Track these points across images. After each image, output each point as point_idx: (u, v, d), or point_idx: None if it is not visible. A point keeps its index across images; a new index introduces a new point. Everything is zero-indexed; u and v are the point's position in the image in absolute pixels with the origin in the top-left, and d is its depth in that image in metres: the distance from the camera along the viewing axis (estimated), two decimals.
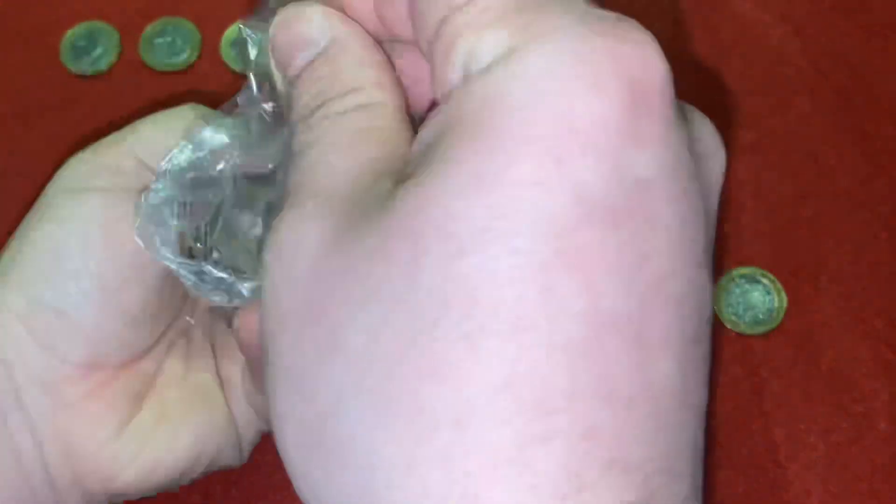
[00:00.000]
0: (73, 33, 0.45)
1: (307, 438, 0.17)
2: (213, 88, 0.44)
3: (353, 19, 0.20)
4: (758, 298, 0.40)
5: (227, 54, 0.44)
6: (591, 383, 0.15)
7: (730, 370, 0.39)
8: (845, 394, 0.38)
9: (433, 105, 0.18)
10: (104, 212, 0.28)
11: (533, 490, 0.15)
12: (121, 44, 0.44)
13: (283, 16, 0.21)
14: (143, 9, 0.45)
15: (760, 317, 0.39)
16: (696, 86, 0.44)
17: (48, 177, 0.42)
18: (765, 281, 0.40)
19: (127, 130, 0.30)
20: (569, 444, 0.15)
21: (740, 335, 0.39)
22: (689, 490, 0.18)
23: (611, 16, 0.16)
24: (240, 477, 0.37)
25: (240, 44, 0.26)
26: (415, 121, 0.20)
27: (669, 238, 0.16)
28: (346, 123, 0.19)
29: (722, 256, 0.41)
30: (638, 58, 0.16)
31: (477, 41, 0.16)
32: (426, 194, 0.16)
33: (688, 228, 0.16)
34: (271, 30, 0.22)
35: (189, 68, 0.44)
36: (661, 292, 0.16)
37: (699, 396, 0.18)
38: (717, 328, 0.39)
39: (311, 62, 0.20)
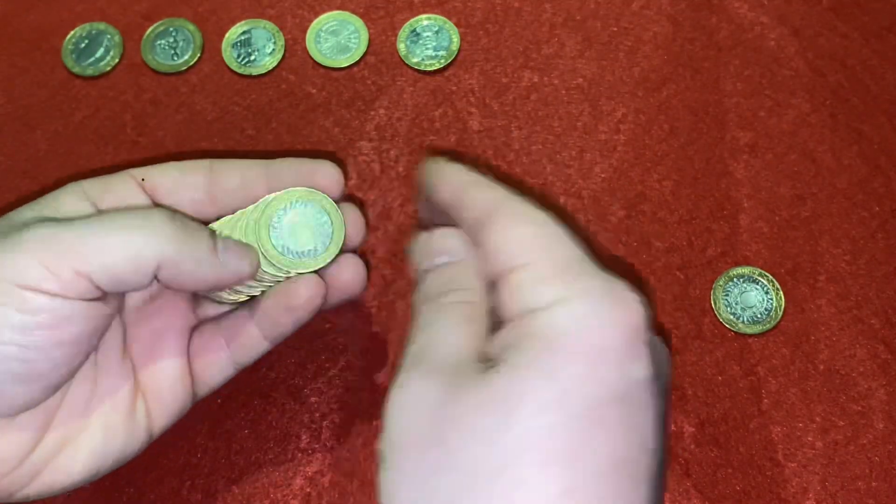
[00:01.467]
0: (75, 35, 0.45)
1: None
2: (215, 90, 0.44)
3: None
4: (755, 298, 0.40)
5: (229, 56, 0.44)
6: (608, 497, 0.25)
7: (728, 369, 0.39)
8: (843, 393, 0.38)
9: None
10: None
11: None
12: (123, 45, 0.45)
13: (436, 233, 0.31)
14: (144, 10, 0.46)
15: (758, 316, 0.39)
16: (694, 87, 0.44)
17: (50, 177, 0.42)
18: (762, 281, 0.40)
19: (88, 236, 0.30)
20: None
21: (738, 334, 0.39)
22: None
23: (614, 281, 0.27)
24: (241, 474, 0.37)
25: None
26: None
27: (649, 414, 0.26)
28: (460, 311, 0.29)
29: (720, 256, 0.41)
30: (637, 309, 0.26)
31: (539, 290, 0.26)
32: (515, 375, 0.25)
33: (657, 408, 0.26)
34: (425, 239, 0.31)
35: (190, 70, 0.44)
36: (644, 446, 0.26)
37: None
38: (715, 327, 0.40)
39: (448, 263, 0.30)
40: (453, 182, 0.31)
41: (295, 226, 0.33)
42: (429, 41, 0.45)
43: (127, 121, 0.43)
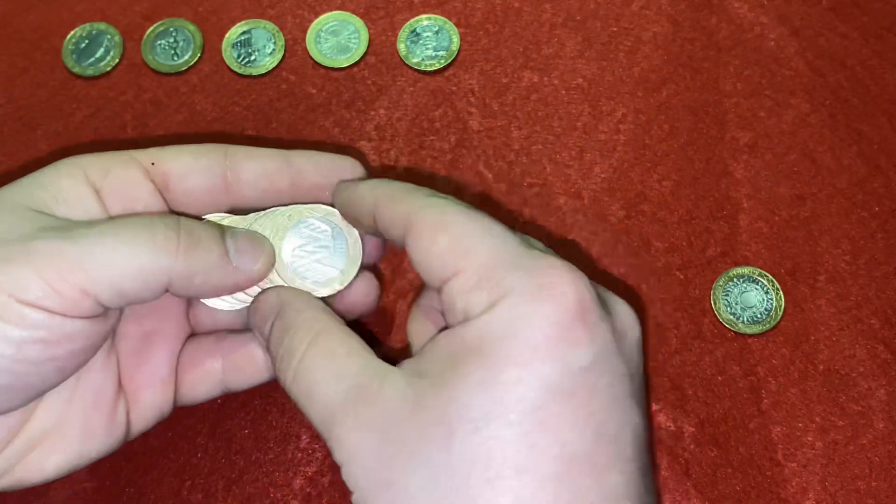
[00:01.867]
0: (75, 35, 0.45)
1: None
2: (215, 90, 0.44)
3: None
4: (755, 298, 0.40)
5: (229, 56, 0.44)
6: (566, 498, 0.24)
7: (727, 369, 0.39)
8: (842, 393, 0.38)
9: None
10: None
11: None
12: (123, 45, 0.45)
13: (252, 304, 0.32)
14: (145, 10, 0.46)
15: (758, 316, 0.40)
16: (694, 87, 0.44)
17: None
18: (762, 281, 0.40)
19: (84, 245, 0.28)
20: None
21: (738, 334, 0.39)
22: None
23: (548, 262, 0.26)
24: (241, 474, 0.37)
25: None
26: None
27: (606, 398, 0.25)
28: (319, 351, 0.29)
29: (719, 256, 0.41)
30: (568, 291, 0.25)
31: (468, 300, 0.26)
32: (449, 395, 0.25)
33: (616, 387, 0.26)
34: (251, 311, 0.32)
35: (190, 70, 0.44)
36: (602, 433, 0.25)
37: (642, 493, 0.26)
38: (715, 327, 0.40)
39: (278, 317, 0.30)
40: (366, 203, 0.30)
41: (311, 247, 0.33)
42: (429, 41, 0.45)
43: (127, 121, 0.43)
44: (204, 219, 0.33)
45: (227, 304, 0.33)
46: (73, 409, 0.31)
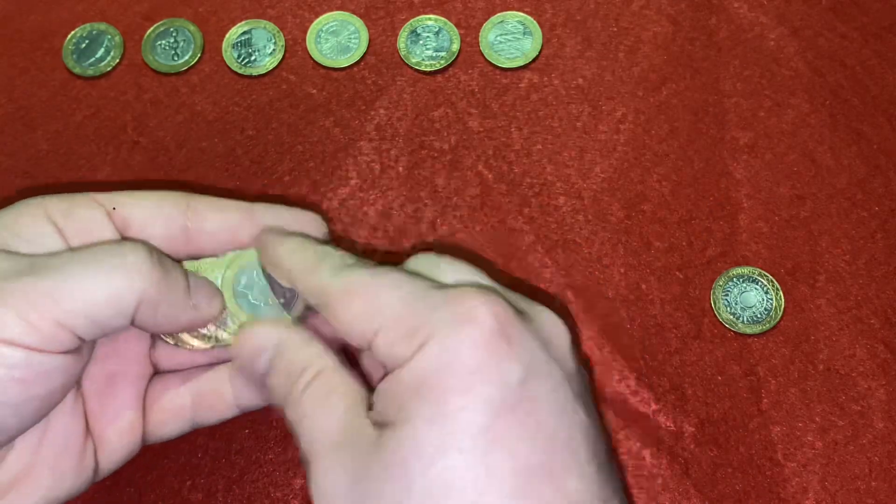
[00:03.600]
0: (75, 35, 0.45)
1: None
2: (215, 90, 0.44)
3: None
4: (755, 298, 0.40)
5: (229, 56, 0.44)
6: None
7: (727, 369, 0.39)
8: (842, 392, 0.39)
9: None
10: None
11: None
12: (123, 45, 0.45)
13: (243, 336, 0.32)
14: (145, 11, 0.46)
15: (758, 316, 0.40)
16: (694, 87, 0.44)
17: (50, 177, 0.42)
18: (762, 281, 0.40)
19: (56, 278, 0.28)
20: None
21: (738, 334, 0.39)
22: None
23: (458, 292, 0.27)
24: (242, 474, 0.37)
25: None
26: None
27: (549, 405, 0.26)
28: (318, 389, 0.29)
29: (719, 256, 0.41)
30: (483, 312, 0.27)
31: (395, 352, 0.27)
32: (403, 435, 0.26)
33: (558, 392, 0.27)
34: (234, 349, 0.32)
35: (191, 70, 0.44)
36: (554, 440, 0.26)
37: (605, 495, 0.27)
38: (714, 327, 0.40)
39: (274, 355, 0.31)
40: (283, 271, 0.31)
41: (264, 285, 0.33)
42: (429, 41, 0.45)
43: (127, 121, 0.43)
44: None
45: (197, 342, 0.33)
46: (42, 453, 0.30)
